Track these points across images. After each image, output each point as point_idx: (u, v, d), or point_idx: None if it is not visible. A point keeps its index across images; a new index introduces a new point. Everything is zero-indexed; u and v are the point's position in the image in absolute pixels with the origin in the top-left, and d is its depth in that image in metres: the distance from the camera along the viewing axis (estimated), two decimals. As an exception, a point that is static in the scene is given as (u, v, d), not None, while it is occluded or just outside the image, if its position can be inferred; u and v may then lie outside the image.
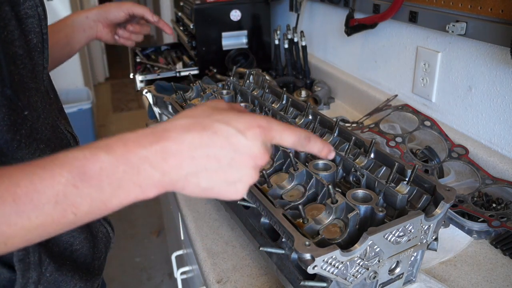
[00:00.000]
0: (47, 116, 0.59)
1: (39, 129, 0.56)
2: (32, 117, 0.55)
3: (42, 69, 0.59)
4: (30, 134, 0.54)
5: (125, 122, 4.22)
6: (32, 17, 0.55)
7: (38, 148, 0.55)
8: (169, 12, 4.22)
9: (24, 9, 0.54)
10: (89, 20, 0.91)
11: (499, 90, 0.91)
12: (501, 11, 0.83)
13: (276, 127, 0.44)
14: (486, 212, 0.80)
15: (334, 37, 1.50)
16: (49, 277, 0.55)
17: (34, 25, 0.56)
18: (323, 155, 0.49)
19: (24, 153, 0.53)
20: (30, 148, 0.54)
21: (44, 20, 0.57)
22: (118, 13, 0.93)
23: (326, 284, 0.55)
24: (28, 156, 0.53)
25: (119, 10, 0.93)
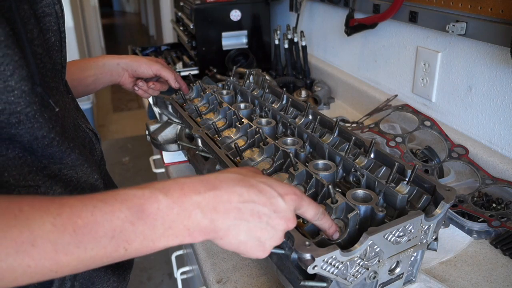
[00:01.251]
0: (68, 115, 0.59)
1: (67, 127, 0.56)
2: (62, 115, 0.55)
3: (61, 68, 0.59)
4: (62, 132, 0.54)
5: (125, 122, 4.22)
6: (49, 15, 0.55)
7: (68, 147, 0.55)
8: (169, 12, 4.22)
9: (41, 7, 0.54)
10: (119, 67, 0.94)
11: (499, 90, 0.91)
12: (501, 11, 0.83)
13: (306, 199, 0.50)
14: (486, 212, 0.80)
15: (334, 37, 1.50)
16: (84, 273, 0.56)
17: (52, 24, 0.55)
18: (330, 232, 0.55)
19: (55, 150, 0.53)
20: (62, 146, 0.54)
21: (61, 18, 0.57)
22: (147, 71, 0.96)
23: (326, 284, 0.55)
24: (58, 154, 0.54)
25: (149, 69, 0.96)
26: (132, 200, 0.41)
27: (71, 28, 3.34)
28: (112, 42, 6.85)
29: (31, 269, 0.37)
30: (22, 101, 0.48)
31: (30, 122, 0.49)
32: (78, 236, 0.38)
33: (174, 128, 0.99)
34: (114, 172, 3.27)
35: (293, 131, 0.84)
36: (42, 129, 0.51)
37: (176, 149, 0.98)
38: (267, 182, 0.48)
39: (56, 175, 0.55)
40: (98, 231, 0.39)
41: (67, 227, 0.38)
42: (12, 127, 0.48)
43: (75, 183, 0.57)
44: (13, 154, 0.50)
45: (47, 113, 0.51)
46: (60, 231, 0.38)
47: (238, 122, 0.85)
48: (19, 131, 0.49)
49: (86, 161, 0.59)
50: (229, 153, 0.75)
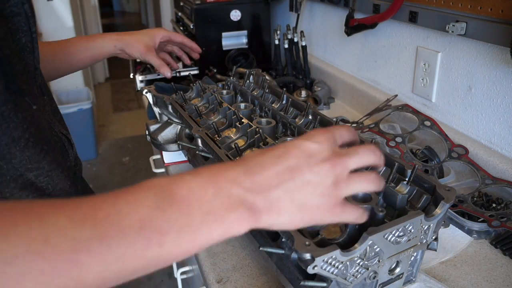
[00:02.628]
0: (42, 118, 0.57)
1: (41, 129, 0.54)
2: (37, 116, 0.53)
3: (33, 70, 0.56)
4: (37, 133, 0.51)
5: (125, 122, 4.22)
6: (18, 15, 0.52)
7: (43, 149, 0.53)
8: (169, 12, 4.22)
9: (10, 7, 0.51)
10: (116, 49, 0.97)
11: (499, 90, 0.91)
12: (501, 11, 0.83)
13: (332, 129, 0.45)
14: (486, 212, 0.80)
15: (334, 37, 1.50)
16: None
17: (22, 24, 0.53)
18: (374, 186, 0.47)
19: (31, 152, 0.51)
20: (37, 148, 0.51)
21: (32, 18, 0.54)
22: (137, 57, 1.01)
23: (326, 284, 0.55)
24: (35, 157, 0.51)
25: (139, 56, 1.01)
26: (158, 186, 0.36)
27: (71, 28, 3.35)
28: (112, 42, 6.84)
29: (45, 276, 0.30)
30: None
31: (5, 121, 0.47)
32: (100, 230, 0.32)
33: (174, 128, 0.99)
34: (114, 172, 3.27)
35: (293, 131, 0.84)
36: (17, 129, 0.48)
37: (176, 149, 0.98)
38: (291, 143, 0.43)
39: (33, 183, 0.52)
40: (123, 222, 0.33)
41: (86, 221, 0.32)
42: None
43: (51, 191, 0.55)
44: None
45: (21, 113, 0.49)
46: (77, 225, 0.32)
47: (238, 122, 0.85)
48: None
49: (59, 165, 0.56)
50: (229, 153, 0.75)
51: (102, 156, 3.53)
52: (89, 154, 3.42)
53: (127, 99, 4.79)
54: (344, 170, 0.42)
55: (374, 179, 0.44)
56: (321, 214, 0.41)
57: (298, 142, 0.42)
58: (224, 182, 0.37)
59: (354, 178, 0.43)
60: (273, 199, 0.38)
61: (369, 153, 0.44)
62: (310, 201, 0.40)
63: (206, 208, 0.36)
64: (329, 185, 0.41)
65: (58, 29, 3.22)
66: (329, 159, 0.41)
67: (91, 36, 0.96)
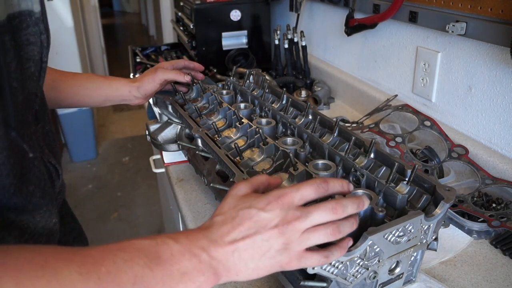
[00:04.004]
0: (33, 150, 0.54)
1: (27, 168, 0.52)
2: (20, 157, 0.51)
3: (34, 98, 0.55)
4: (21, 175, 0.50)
5: (125, 122, 4.22)
6: (33, 44, 0.51)
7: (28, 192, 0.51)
8: (169, 12, 4.22)
9: (26, 35, 0.50)
10: (130, 94, 0.98)
11: (499, 90, 0.91)
12: (501, 11, 0.83)
13: (290, 189, 0.49)
14: (486, 212, 0.80)
15: (334, 37, 1.50)
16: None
17: (35, 53, 0.52)
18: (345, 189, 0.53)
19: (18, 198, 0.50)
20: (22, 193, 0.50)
21: (46, 48, 0.53)
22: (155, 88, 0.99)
23: (326, 284, 0.55)
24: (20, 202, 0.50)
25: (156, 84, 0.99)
26: (148, 248, 0.44)
27: (71, 28, 3.34)
28: (112, 42, 6.85)
29: None
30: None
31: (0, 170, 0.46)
32: (103, 283, 0.40)
33: (174, 128, 0.99)
34: (114, 172, 3.27)
35: (293, 131, 0.84)
36: (8, 177, 0.47)
37: (176, 149, 0.98)
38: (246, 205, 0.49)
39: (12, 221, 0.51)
40: (122, 277, 0.41)
41: (92, 275, 0.40)
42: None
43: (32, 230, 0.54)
44: None
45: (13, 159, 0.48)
46: (85, 279, 0.39)
47: (238, 122, 0.85)
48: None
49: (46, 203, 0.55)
50: (229, 153, 0.75)
51: (102, 156, 3.53)
52: (89, 154, 3.42)
53: (127, 99, 4.79)
54: (294, 232, 0.47)
55: (332, 232, 0.48)
56: (277, 269, 0.49)
57: (252, 213, 0.48)
58: (196, 249, 0.46)
59: (308, 235, 0.48)
60: (231, 265, 0.47)
61: (324, 214, 0.48)
62: (263, 263, 0.48)
63: (183, 270, 0.45)
64: (278, 248, 0.47)
65: (58, 29, 3.21)
66: (277, 226, 0.47)
67: (106, 76, 0.98)
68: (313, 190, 0.50)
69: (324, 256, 0.49)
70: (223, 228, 0.48)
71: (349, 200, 0.50)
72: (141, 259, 0.43)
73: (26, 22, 0.49)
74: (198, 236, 0.47)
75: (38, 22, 0.51)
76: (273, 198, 0.49)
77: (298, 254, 0.48)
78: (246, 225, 0.47)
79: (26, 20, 0.49)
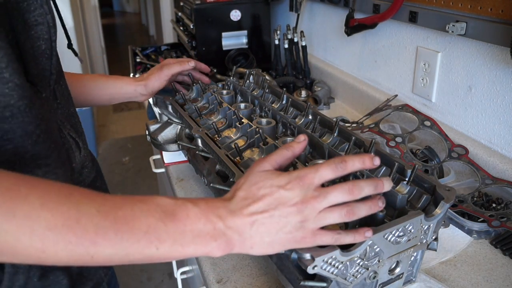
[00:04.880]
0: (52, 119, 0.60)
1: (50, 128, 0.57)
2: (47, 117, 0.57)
3: (49, 75, 0.60)
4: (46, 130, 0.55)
5: (125, 122, 4.22)
6: (41, 24, 0.56)
7: (50, 147, 0.56)
8: (169, 12, 4.22)
9: (34, 16, 0.55)
10: (136, 92, 0.99)
11: (499, 90, 0.91)
12: (501, 11, 0.83)
13: (309, 169, 0.51)
14: (486, 212, 0.80)
15: (334, 37, 1.50)
16: (36, 282, 0.55)
17: (44, 32, 0.57)
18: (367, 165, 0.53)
19: (41, 147, 0.54)
20: (46, 144, 0.55)
21: (53, 28, 0.58)
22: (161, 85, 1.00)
23: (326, 284, 0.55)
24: (44, 152, 0.55)
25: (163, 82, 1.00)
26: (166, 205, 0.47)
27: (71, 28, 3.34)
28: (112, 42, 6.85)
29: (71, 246, 0.41)
30: (15, 94, 0.49)
31: (21, 115, 0.51)
32: (117, 224, 0.43)
33: (174, 128, 0.99)
34: (114, 172, 3.27)
35: (293, 131, 0.84)
36: (31, 124, 0.52)
37: (176, 149, 0.98)
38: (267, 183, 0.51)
39: None
40: (135, 224, 0.44)
41: (109, 215, 0.43)
42: (5, 121, 0.50)
43: None
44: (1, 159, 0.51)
45: (34, 109, 0.53)
46: (102, 216, 0.43)
47: (238, 122, 0.85)
48: (12, 125, 0.50)
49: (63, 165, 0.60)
50: (229, 153, 0.75)
51: (102, 156, 3.53)
52: (89, 154, 3.42)
53: (127, 99, 4.79)
54: (312, 211, 0.50)
55: (346, 213, 0.50)
56: (292, 245, 0.51)
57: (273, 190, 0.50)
58: (213, 216, 0.48)
59: (324, 215, 0.50)
60: (247, 237, 0.49)
61: (341, 195, 0.50)
62: (279, 237, 0.50)
63: (196, 232, 0.47)
64: (295, 224, 0.49)
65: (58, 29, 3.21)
66: (295, 204, 0.49)
67: (111, 76, 0.99)
68: (331, 171, 0.51)
69: (337, 233, 0.51)
70: (244, 202, 0.50)
71: (366, 181, 0.51)
72: (157, 213, 0.46)
73: (34, 5, 0.54)
74: (217, 204, 0.50)
75: (43, 4, 0.56)
76: (293, 177, 0.51)
77: (312, 231, 0.50)
78: (266, 201, 0.50)
79: (33, 3, 0.54)
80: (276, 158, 0.55)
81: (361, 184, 0.51)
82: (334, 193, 0.50)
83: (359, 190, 0.50)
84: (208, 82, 1.09)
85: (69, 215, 0.42)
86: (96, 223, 0.42)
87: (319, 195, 0.50)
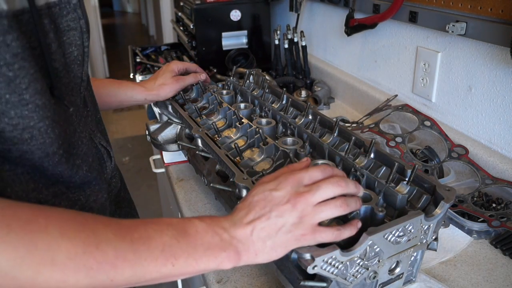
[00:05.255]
0: (83, 129, 0.58)
1: (75, 143, 0.56)
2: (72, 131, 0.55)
3: (80, 82, 0.58)
4: (69, 149, 0.54)
5: (125, 122, 4.22)
6: (74, 30, 0.54)
7: (75, 164, 0.55)
8: (169, 12, 4.22)
9: (66, 21, 0.53)
10: (146, 100, 1.00)
11: (499, 90, 0.91)
12: (501, 11, 0.83)
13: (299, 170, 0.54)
14: (486, 212, 0.80)
15: (334, 37, 1.50)
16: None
17: (76, 38, 0.55)
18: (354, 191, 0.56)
19: (64, 168, 0.53)
20: (69, 164, 0.54)
21: (86, 33, 0.57)
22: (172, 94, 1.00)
23: (326, 284, 0.55)
24: (67, 172, 0.54)
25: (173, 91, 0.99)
26: (176, 224, 0.49)
27: (71, 28, 3.34)
28: (112, 42, 6.85)
29: (92, 272, 0.42)
30: (35, 115, 0.47)
31: (42, 137, 0.49)
32: (135, 245, 0.45)
33: (174, 128, 0.99)
34: (114, 172, 3.26)
35: (293, 131, 0.84)
36: (52, 145, 0.50)
37: (176, 149, 0.98)
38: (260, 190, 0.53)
39: (63, 193, 0.55)
40: (151, 243, 0.46)
41: (125, 237, 0.45)
42: (24, 143, 0.48)
43: (83, 202, 0.58)
44: (21, 170, 0.50)
45: (57, 129, 0.51)
46: (120, 239, 0.44)
47: (238, 122, 0.85)
48: (31, 147, 0.48)
49: (94, 178, 0.59)
50: (229, 153, 0.75)
51: (102, 156, 3.52)
52: (89, 154, 3.41)
53: (127, 99, 4.78)
54: (306, 205, 0.51)
55: (341, 204, 0.52)
56: (293, 244, 0.51)
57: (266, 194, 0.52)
58: (218, 229, 0.50)
59: (320, 208, 0.51)
60: (250, 244, 0.50)
61: (331, 186, 0.52)
62: (279, 239, 0.50)
63: (206, 245, 0.49)
64: (292, 222, 0.50)
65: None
66: (289, 200, 0.51)
67: (121, 82, 0.97)
68: (320, 172, 0.54)
69: (336, 229, 0.52)
70: (242, 212, 0.52)
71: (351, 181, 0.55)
72: (170, 231, 0.47)
73: (66, 9, 0.53)
74: (221, 219, 0.52)
75: (76, 9, 0.54)
76: (283, 178, 0.53)
77: (312, 227, 0.51)
78: (261, 205, 0.51)
79: (66, 8, 0.53)
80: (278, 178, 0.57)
81: (345, 179, 0.54)
82: (325, 185, 0.52)
83: (345, 183, 0.53)
84: (208, 81, 1.09)
85: (88, 242, 0.42)
86: (114, 246, 0.43)
87: (310, 189, 0.51)
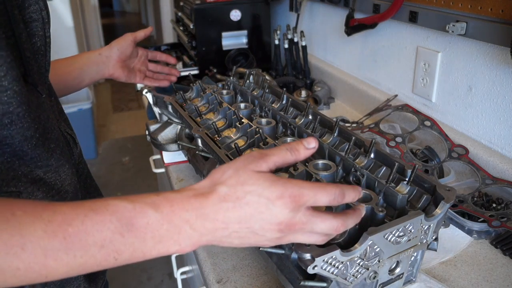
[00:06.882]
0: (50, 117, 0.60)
1: (49, 128, 0.58)
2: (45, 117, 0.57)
3: (44, 72, 0.60)
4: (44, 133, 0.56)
5: (125, 122, 4.22)
6: (36, 21, 0.56)
7: (50, 148, 0.56)
8: (169, 12, 4.22)
9: (29, 13, 0.55)
10: (102, 56, 0.98)
11: (499, 90, 0.91)
12: (501, 11, 0.83)
13: (308, 191, 0.46)
14: (486, 212, 0.80)
15: (334, 37, 1.50)
16: None
17: (39, 29, 0.57)
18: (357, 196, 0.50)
19: (41, 151, 0.54)
20: (45, 146, 0.55)
21: (47, 23, 0.58)
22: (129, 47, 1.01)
23: (326, 284, 0.55)
24: (44, 154, 0.55)
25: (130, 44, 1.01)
26: (123, 213, 0.42)
27: (71, 28, 3.34)
28: (112, 42, 6.84)
29: (20, 272, 0.38)
30: (14, 101, 0.49)
31: (20, 122, 0.51)
32: (68, 244, 0.39)
33: (174, 128, 0.99)
34: (114, 172, 3.27)
35: (293, 131, 0.84)
36: (30, 129, 0.52)
37: (176, 149, 0.98)
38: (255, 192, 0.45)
39: (41, 178, 0.56)
40: (88, 240, 0.40)
41: (57, 234, 0.39)
42: (5, 128, 0.50)
43: (59, 186, 0.59)
44: (1, 160, 0.52)
45: (33, 114, 0.53)
46: (50, 237, 0.39)
47: (238, 122, 0.85)
48: (11, 131, 0.50)
49: (67, 162, 0.60)
50: (229, 153, 0.75)
51: (102, 156, 3.53)
52: (89, 154, 3.42)
53: (127, 99, 4.79)
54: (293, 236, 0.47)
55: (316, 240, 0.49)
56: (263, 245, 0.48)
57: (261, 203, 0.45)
58: (179, 221, 0.43)
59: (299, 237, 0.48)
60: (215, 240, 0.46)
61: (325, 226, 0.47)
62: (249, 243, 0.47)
63: (158, 239, 0.43)
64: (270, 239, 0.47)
65: (58, 29, 3.21)
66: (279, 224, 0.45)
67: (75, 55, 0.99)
68: (328, 200, 0.47)
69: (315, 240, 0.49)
70: (222, 204, 0.44)
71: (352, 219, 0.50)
72: (112, 223, 0.41)
73: (28, 1, 0.54)
74: (186, 206, 0.44)
75: (38, 1, 0.56)
76: (287, 193, 0.45)
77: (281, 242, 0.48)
78: (248, 212, 0.44)
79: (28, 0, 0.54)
80: (276, 160, 0.49)
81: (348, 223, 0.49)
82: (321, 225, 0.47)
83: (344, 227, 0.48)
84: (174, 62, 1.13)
85: (12, 243, 0.38)
86: (44, 246, 0.39)
87: (306, 223, 0.46)
